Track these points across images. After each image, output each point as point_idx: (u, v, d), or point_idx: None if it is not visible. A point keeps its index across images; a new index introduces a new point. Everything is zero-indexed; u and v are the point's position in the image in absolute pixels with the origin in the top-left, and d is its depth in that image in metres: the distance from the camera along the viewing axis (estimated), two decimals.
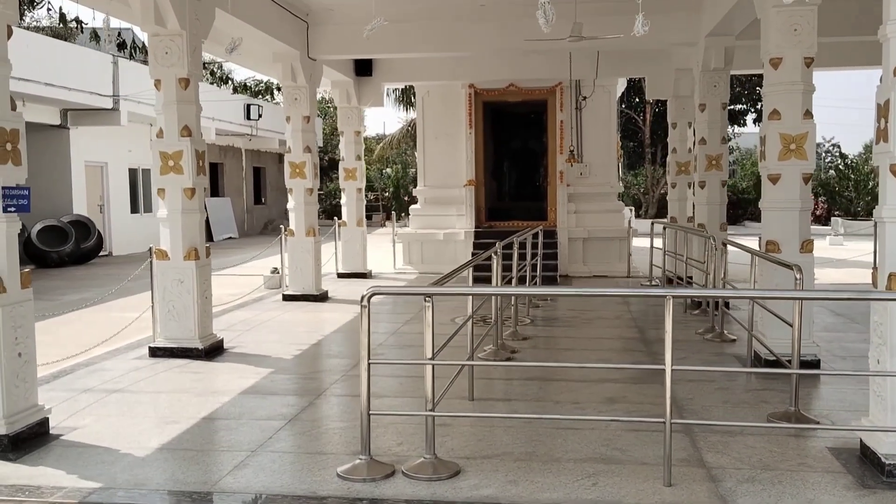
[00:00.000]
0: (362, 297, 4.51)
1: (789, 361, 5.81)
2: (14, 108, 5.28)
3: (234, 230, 28.81)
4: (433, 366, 4.61)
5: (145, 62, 9.73)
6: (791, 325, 5.69)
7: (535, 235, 11.22)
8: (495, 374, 7.22)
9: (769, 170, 7.15)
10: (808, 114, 7.04)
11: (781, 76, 7.04)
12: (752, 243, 8.32)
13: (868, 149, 50.88)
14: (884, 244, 4.49)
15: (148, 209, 23.11)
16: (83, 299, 12.35)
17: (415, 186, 17.30)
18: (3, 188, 5.17)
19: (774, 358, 6.66)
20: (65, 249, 18.19)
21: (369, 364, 4.55)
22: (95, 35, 8.28)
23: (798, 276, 5.69)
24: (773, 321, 6.77)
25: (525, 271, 10.19)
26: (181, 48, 7.76)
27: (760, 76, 7.87)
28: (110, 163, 21.15)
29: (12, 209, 5.25)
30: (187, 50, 7.78)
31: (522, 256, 9.95)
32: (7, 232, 5.20)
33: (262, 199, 33.68)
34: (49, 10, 7.44)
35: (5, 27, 5.23)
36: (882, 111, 4.44)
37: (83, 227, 19.05)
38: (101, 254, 20.23)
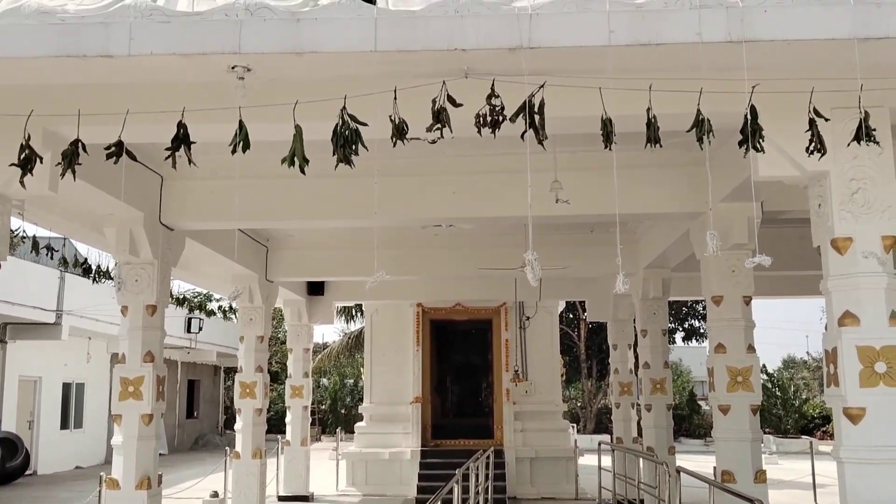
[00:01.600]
0: None
1: None
2: None
3: (164, 446, 27.71)
4: None
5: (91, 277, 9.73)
6: None
7: (487, 457, 11.21)
8: None
9: (719, 401, 7.51)
10: (751, 348, 7.54)
11: (723, 313, 7.60)
12: (693, 462, 8.50)
13: (788, 364, 52.97)
14: (843, 483, 4.74)
15: (78, 425, 22.28)
16: None
17: (352, 399, 17.24)
18: None
19: None
20: None
21: None
22: (64, 261, 8.48)
23: None
24: None
25: (479, 495, 10.07)
26: (151, 276, 7.98)
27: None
28: (45, 377, 20.57)
29: None
30: (157, 278, 8.00)
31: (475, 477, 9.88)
32: None
33: (195, 413, 32.73)
34: (24, 238, 7.60)
35: None
36: (830, 357, 4.85)
37: (11, 444, 18.17)
38: (27, 472, 19.16)
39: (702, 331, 33.43)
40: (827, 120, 4.57)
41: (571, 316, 33.80)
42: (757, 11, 4.27)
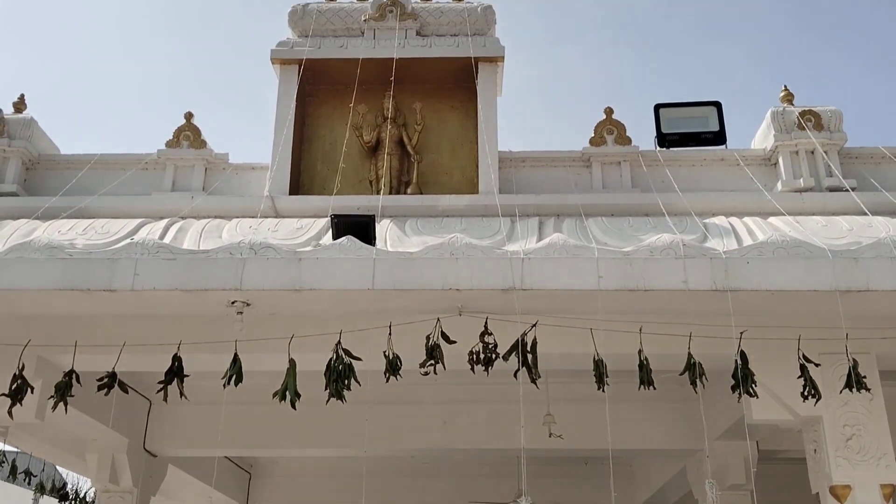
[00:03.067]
0: None
1: None
2: None
3: None
4: None
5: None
6: None
7: None
8: None
9: None
10: None
11: None
12: None
13: None
14: None
15: None
16: None
17: None
18: None
19: None
20: None
21: None
22: (42, 487, 8.19)
23: None
24: None
25: None
26: None
27: None
28: None
29: None
30: None
31: None
32: None
33: None
34: (2, 463, 7.38)
35: None
36: None
37: None
38: None
39: None
40: (817, 365, 4.63)
41: None
42: (740, 263, 4.45)
